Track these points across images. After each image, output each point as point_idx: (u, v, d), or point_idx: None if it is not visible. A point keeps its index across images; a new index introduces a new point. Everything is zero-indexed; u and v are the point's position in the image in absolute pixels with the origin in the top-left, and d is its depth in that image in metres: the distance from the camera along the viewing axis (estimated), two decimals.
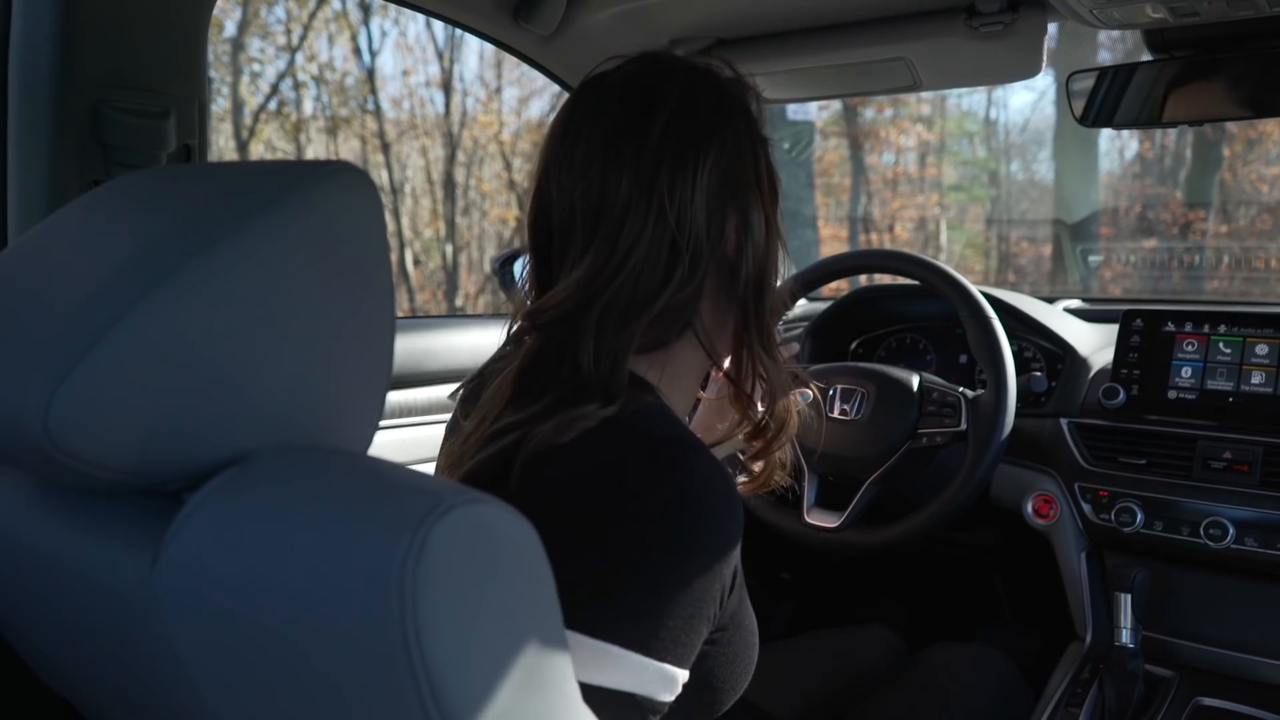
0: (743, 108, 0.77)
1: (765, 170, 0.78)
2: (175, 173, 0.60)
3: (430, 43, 8.04)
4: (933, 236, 7.98)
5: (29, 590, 0.58)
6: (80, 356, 0.44)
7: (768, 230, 0.77)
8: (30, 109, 0.91)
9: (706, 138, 0.73)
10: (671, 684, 0.63)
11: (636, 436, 0.67)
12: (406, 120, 8.22)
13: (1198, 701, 1.22)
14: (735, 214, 0.74)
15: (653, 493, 0.63)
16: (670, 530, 0.62)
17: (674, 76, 0.75)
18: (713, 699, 0.72)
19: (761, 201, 0.76)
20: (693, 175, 0.71)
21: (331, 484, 0.47)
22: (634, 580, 0.46)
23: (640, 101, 0.73)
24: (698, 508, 0.63)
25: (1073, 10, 1.13)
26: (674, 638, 0.62)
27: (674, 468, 0.64)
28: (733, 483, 0.67)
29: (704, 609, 0.64)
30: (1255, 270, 5.42)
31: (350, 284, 0.53)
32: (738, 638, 0.72)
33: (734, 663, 0.72)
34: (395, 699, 0.41)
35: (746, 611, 0.73)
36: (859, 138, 8.20)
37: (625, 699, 0.61)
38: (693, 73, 0.76)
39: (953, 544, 1.72)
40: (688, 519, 0.63)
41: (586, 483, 0.66)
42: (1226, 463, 1.24)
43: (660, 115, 0.72)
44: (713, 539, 0.64)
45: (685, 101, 0.73)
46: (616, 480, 0.65)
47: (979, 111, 8.06)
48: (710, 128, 0.73)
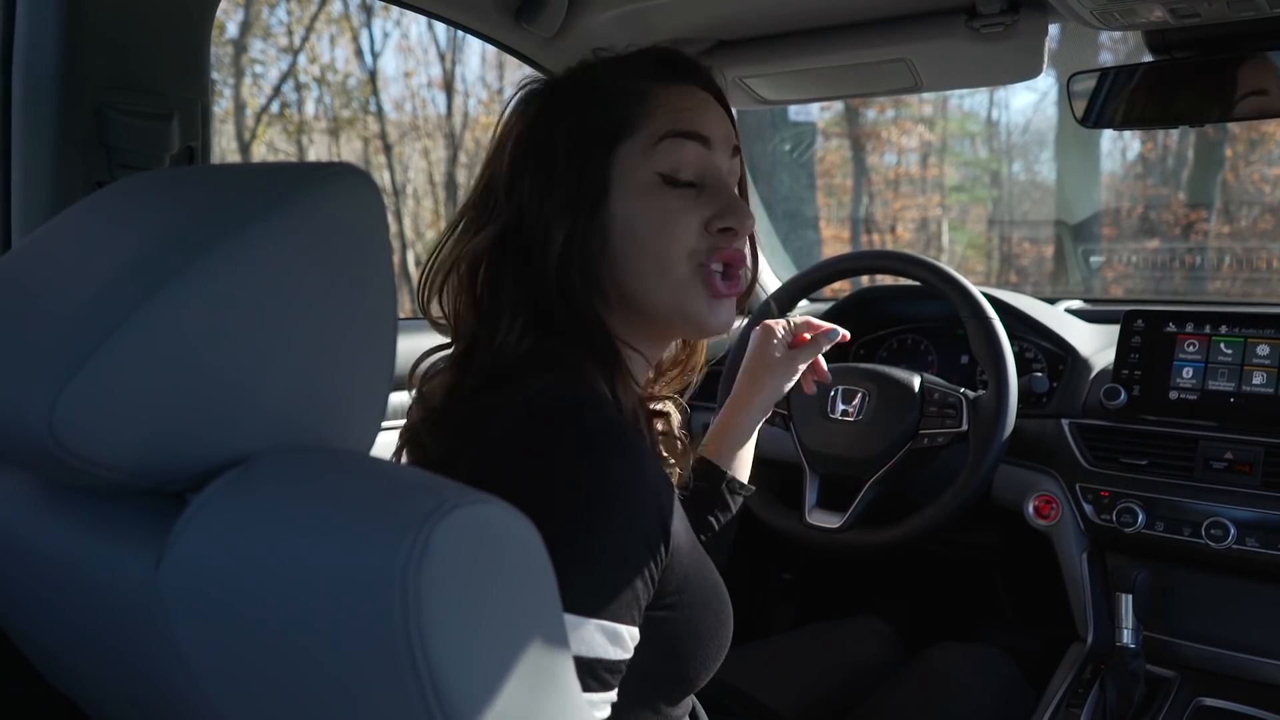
0: (565, 89, 0.84)
1: (552, 148, 0.81)
2: (178, 175, 0.60)
3: (432, 44, 8.06)
4: (934, 237, 7.97)
5: (33, 590, 0.58)
6: (85, 358, 0.44)
7: (537, 210, 0.81)
8: (34, 111, 0.91)
9: (525, 126, 0.83)
10: (619, 640, 0.65)
11: (528, 406, 0.71)
12: (408, 122, 8.23)
13: (1199, 702, 1.22)
14: (518, 190, 0.82)
15: (548, 452, 0.67)
16: (569, 486, 0.65)
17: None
18: (683, 669, 0.74)
19: (541, 180, 0.81)
20: (505, 157, 0.84)
21: (335, 484, 0.47)
22: (549, 540, 0.48)
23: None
24: (593, 462, 0.66)
25: (1074, 11, 1.13)
26: (603, 592, 0.64)
27: (565, 426, 0.68)
28: (634, 438, 0.70)
29: (632, 562, 0.66)
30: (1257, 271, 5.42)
31: (353, 285, 0.53)
32: (698, 603, 0.73)
33: (697, 629, 0.73)
34: (398, 698, 0.41)
35: (707, 580, 0.75)
36: (861, 138, 8.19)
37: (576, 661, 0.61)
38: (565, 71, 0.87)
39: (954, 545, 1.72)
40: (585, 473, 0.66)
41: (499, 453, 0.69)
42: (1228, 463, 1.24)
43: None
44: (620, 491, 0.66)
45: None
46: (514, 448, 0.69)
47: (980, 112, 8.06)
48: (529, 115, 0.84)
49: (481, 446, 0.72)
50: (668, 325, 0.83)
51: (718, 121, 0.83)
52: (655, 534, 0.67)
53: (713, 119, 0.82)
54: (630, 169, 0.80)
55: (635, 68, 0.84)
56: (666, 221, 0.79)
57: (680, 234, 0.80)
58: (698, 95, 0.83)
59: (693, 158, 0.80)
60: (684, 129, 0.80)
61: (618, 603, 0.65)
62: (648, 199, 0.79)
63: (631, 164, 0.80)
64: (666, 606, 0.70)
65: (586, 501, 0.65)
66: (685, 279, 0.80)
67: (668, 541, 0.69)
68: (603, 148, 0.80)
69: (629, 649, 0.66)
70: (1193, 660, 1.28)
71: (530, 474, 0.66)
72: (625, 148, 0.80)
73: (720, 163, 0.83)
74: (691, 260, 0.80)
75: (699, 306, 0.81)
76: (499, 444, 0.70)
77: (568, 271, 0.79)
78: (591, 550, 0.64)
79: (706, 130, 0.81)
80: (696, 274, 0.81)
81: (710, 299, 0.81)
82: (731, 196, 0.82)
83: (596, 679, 0.64)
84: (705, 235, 0.81)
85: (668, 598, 0.70)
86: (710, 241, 0.81)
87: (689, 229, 0.80)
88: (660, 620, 0.70)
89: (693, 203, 0.80)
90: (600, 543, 0.65)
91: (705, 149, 0.81)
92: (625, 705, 0.68)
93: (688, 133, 0.80)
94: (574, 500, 0.65)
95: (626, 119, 0.80)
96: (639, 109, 0.80)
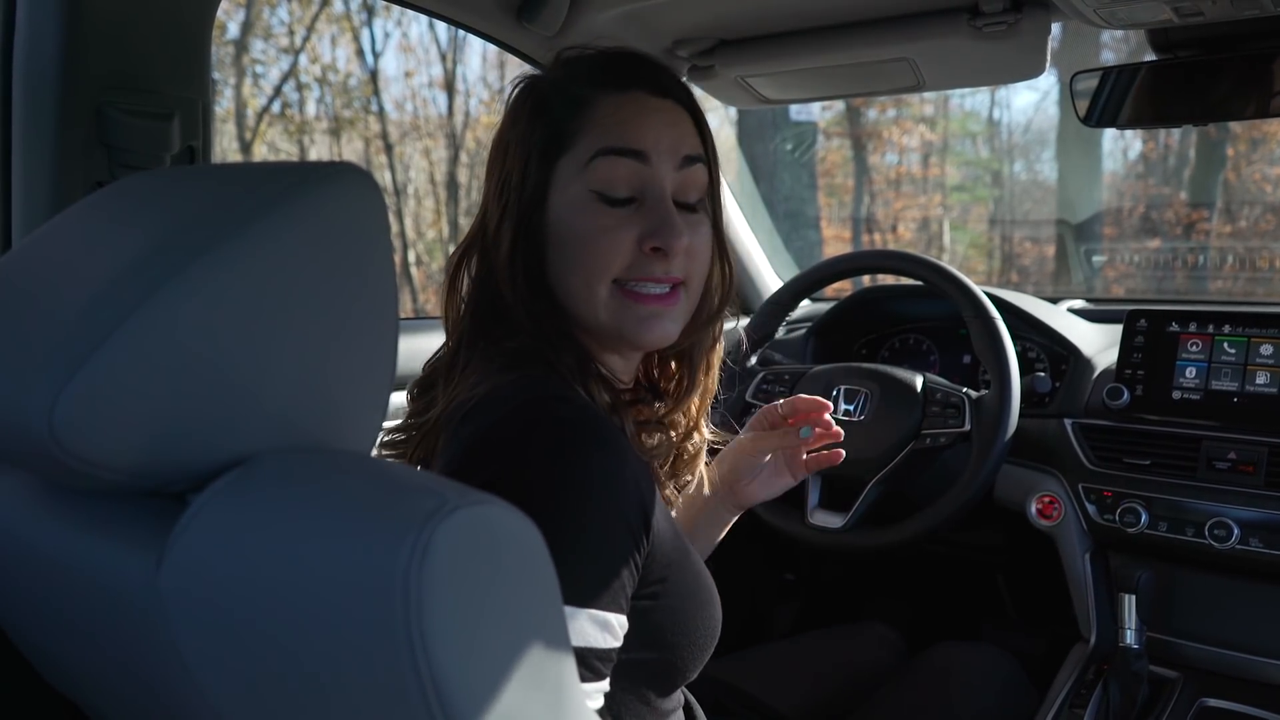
0: (527, 93, 0.84)
1: (505, 153, 0.82)
2: (179, 174, 0.60)
3: (433, 44, 8.05)
4: (936, 237, 7.97)
5: (33, 591, 0.58)
6: (85, 358, 0.44)
7: (492, 212, 0.83)
8: (35, 110, 0.91)
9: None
10: (608, 628, 0.65)
11: (499, 401, 0.72)
12: (409, 121, 8.23)
13: (1202, 702, 1.22)
14: (486, 191, 0.85)
15: (523, 446, 0.67)
16: (548, 477, 0.65)
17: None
18: (670, 657, 0.74)
19: (497, 185, 0.82)
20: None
21: (336, 485, 0.47)
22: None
23: None
24: (570, 452, 0.66)
25: (1076, 10, 1.12)
26: (589, 582, 0.64)
27: (539, 419, 0.69)
28: (609, 426, 0.71)
29: (616, 550, 0.66)
30: (1259, 270, 5.42)
31: (354, 285, 0.53)
32: (682, 591, 0.73)
33: (683, 618, 0.74)
34: (400, 699, 0.41)
35: (690, 568, 0.75)
36: (862, 138, 8.19)
37: None
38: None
39: (957, 545, 1.72)
40: (563, 464, 0.66)
41: (476, 449, 0.70)
42: (1231, 463, 1.24)
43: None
44: (599, 480, 0.67)
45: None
46: (489, 444, 0.69)
47: (982, 112, 8.06)
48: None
49: (456, 445, 0.72)
50: (605, 338, 0.82)
51: (662, 130, 0.80)
52: (636, 522, 0.68)
53: (653, 128, 0.79)
54: (565, 183, 0.79)
55: (580, 74, 0.82)
56: (593, 240, 0.78)
57: (606, 254, 0.78)
58: (643, 102, 0.80)
59: (627, 173, 0.78)
60: (615, 145, 0.78)
61: (605, 591, 0.65)
62: (580, 216, 0.78)
63: (567, 178, 0.79)
64: (650, 595, 0.71)
65: (566, 493, 0.65)
66: (607, 299, 0.79)
67: (649, 529, 0.69)
68: (543, 159, 0.80)
69: (619, 637, 0.67)
70: (1196, 661, 1.28)
71: (507, 469, 0.66)
72: (563, 161, 0.79)
73: (661, 176, 0.79)
74: (610, 278, 0.79)
75: (629, 326, 0.80)
76: (473, 441, 0.70)
77: (515, 277, 0.80)
78: (575, 540, 0.64)
79: (641, 144, 0.78)
80: (617, 295, 0.79)
81: (640, 315, 0.80)
82: (665, 214, 0.79)
83: (589, 668, 0.65)
84: (637, 253, 0.79)
85: (651, 586, 0.71)
86: (639, 261, 0.79)
87: (618, 248, 0.78)
88: (645, 609, 0.70)
89: (627, 219, 0.79)
90: (583, 532, 0.65)
91: (641, 163, 0.78)
92: (615, 696, 0.69)
93: (619, 149, 0.78)
94: (553, 492, 0.65)
95: (564, 132, 0.79)
96: (577, 122, 0.79)
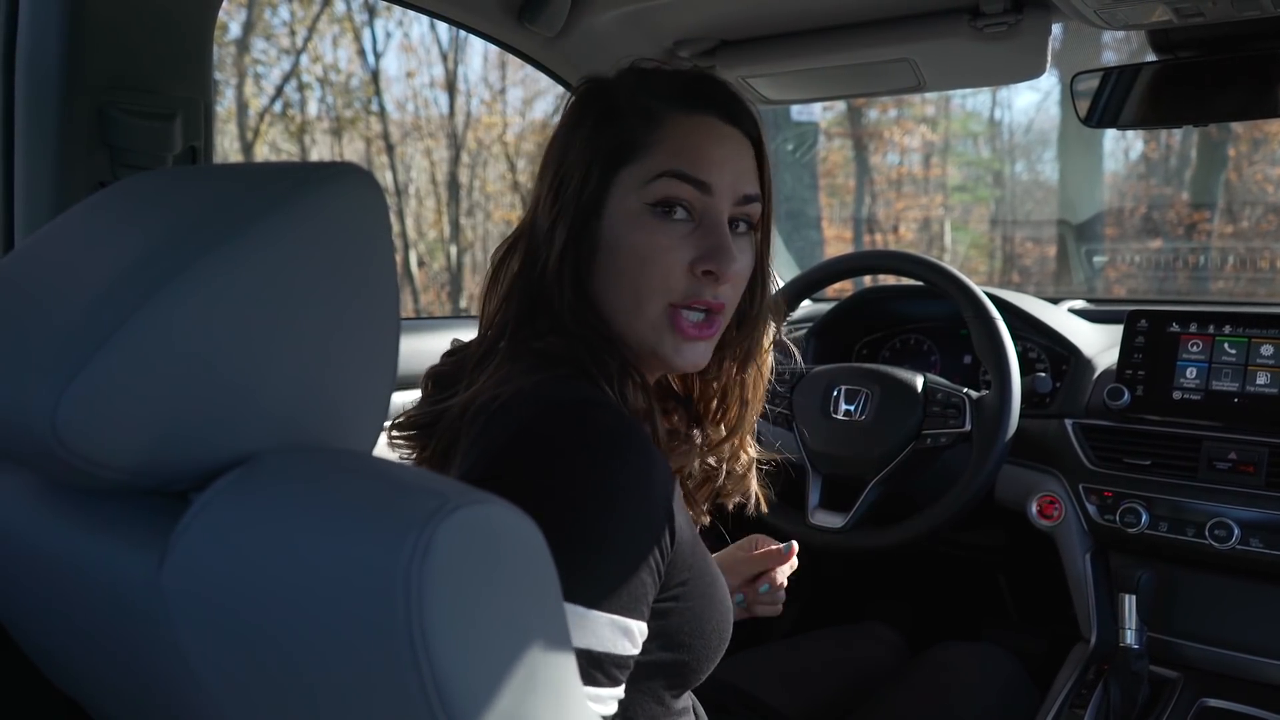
0: (591, 95, 0.84)
1: (566, 154, 0.81)
2: (181, 174, 0.60)
3: (434, 44, 8.06)
4: (937, 237, 7.97)
5: (36, 590, 0.58)
6: (87, 358, 0.44)
7: (545, 213, 0.81)
8: (37, 111, 0.91)
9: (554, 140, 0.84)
10: (628, 634, 0.65)
11: (532, 402, 0.71)
12: (411, 122, 8.24)
13: (1203, 703, 1.22)
14: (538, 187, 0.83)
15: (556, 449, 0.67)
16: (579, 482, 0.65)
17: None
18: (686, 658, 0.74)
19: (553, 184, 0.81)
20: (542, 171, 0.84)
21: (337, 484, 0.47)
22: (557, 536, 0.48)
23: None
24: (603, 457, 0.66)
25: (1077, 11, 1.13)
26: (615, 587, 0.64)
27: (572, 423, 0.69)
28: (640, 432, 0.71)
29: (641, 556, 0.66)
30: (1260, 271, 5.41)
31: (356, 285, 0.53)
32: (700, 593, 0.73)
33: (700, 621, 0.74)
34: (401, 698, 0.41)
35: (707, 571, 0.75)
36: (863, 138, 8.19)
37: (584, 655, 0.62)
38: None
39: (957, 545, 1.72)
40: (605, 469, 0.66)
41: (507, 449, 0.69)
42: (1232, 463, 1.24)
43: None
44: (632, 485, 0.67)
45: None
46: (521, 447, 0.69)
47: (983, 112, 8.06)
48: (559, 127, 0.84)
49: (484, 442, 0.72)
50: (639, 355, 0.82)
51: (727, 163, 0.79)
52: (663, 528, 0.68)
53: (719, 161, 0.79)
54: (624, 195, 0.79)
55: (657, 87, 0.82)
56: (648, 256, 0.78)
57: (659, 271, 0.78)
58: (712, 127, 0.80)
59: (688, 196, 0.78)
60: (682, 170, 0.77)
61: (628, 597, 0.65)
62: (636, 230, 0.78)
63: (626, 190, 0.79)
64: (671, 598, 0.71)
65: (597, 497, 0.65)
66: (655, 319, 0.79)
67: (674, 534, 0.69)
68: (606, 167, 0.79)
69: (638, 644, 0.66)
70: (1196, 661, 1.28)
71: (540, 470, 0.66)
72: (626, 172, 0.79)
73: (720, 206, 0.79)
74: (664, 300, 0.79)
75: (666, 348, 0.80)
76: (505, 440, 0.70)
77: (563, 280, 0.79)
78: (603, 545, 0.65)
79: (707, 176, 0.78)
80: (666, 316, 0.79)
81: (679, 342, 0.80)
82: (721, 238, 0.78)
83: (605, 674, 0.64)
84: (689, 275, 0.78)
85: (672, 589, 0.71)
86: (691, 284, 0.79)
87: (672, 267, 0.78)
88: (665, 611, 0.70)
89: (682, 239, 0.78)
90: (612, 538, 0.65)
91: (702, 193, 0.78)
92: (630, 696, 0.68)
93: (685, 175, 0.77)
94: (584, 497, 0.65)
95: (632, 143, 0.79)
96: (647, 135, 0.79)
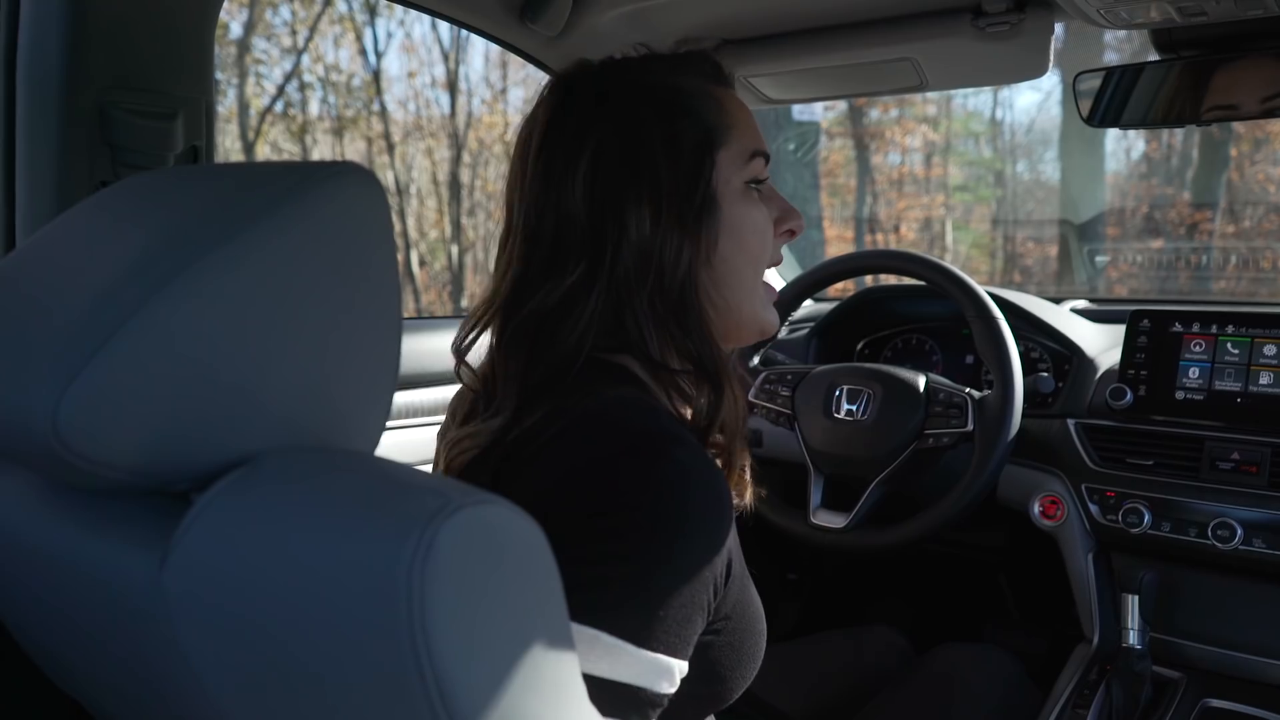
0: (626, 92, 0.77)
1: (653, 159, 0.75)
2: (183, 174, 0.60)
3: (436, 44, 8.07)
4: (938, 237, 7.97)
5: (37, 590, 0.58)
6: (89, 357, 0.44)
7: (654, 227, 0.74)
8: (38, 110, 0.91)
9: (580, 134, 0.75)
10: (669, 675, 0.63)
11: (618, 429, 0.68)
12: (412, 121, 8.24)
13: (1205, 703, 1.22)
14: (612, 209, 0.75)
15: (638, 484, 0.64)
16: (656, 521, 0.63)
17: (581, 77, 0.80)
18: (721, 688, 0.73)
19: (646, 194, 0.75)
20: (573, 172, 0.75)
21: (339, 484, 0.47)
22: (622, 571, 0.46)
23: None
24: (683, 498, 0.64)
25: (1080, 10, 1.12)
26: (667, 628, 0.63)
27: (658, 459, 0.65)
28: (718, 472, 0.68)
29: (697, 599, 0.64)
30: (1262, 270, 5.41)
31: (358, 284, 0.53)
32: (742, 626, 0.72)
33: (740, 652, 0.72)
34: (403, 699, 0.41)
35: (750, 600, 0.74)
36: (864, 138, 8.19)
37: (623, 689, 0.61)
38: (596, 68, 0.80)
39: (959, 545, 1.72)
40: (673, 509, 0.63)
41: (574, 476, 0.66)
42: (1234, 463, 1.23)
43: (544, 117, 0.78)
44: (700, 528, 0.65)
45: (556, 101, 0.78)
46: (602, 473, 0.65)
47: (985, 112, 8.07)
48: (585, 121, 0.76)
49: (559, 461, 0.68)
50: (737, 332, 0.83)
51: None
52: (721, 570, 0.66)
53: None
54: (728, 178, 0.79)
55: (701, 69, 0.83)
56: (763, 230, 0.82)
57: (769, 240, 0.82)
58: (740, 100, 0.84)
59: (761, 169, 0.82)
60: (762, 148, 0.81)
61: (678, 638, 0.63)
62: (749, 208, 0.81)
63: (728, 174, 0.79)
64: (714, 632, 0.69)
65: (672, 537, 0.63)
66: (762, 290, 0.83)
67: (730, 576, 0.68)
68: (706, 155, 0.78)
69: (675, 684, 0.64)
70: (1199, 661, 1.28)
71: (618, 502, 0.63)
72: (722, 155, 0.79)
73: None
74: (765, 267, 0.83)
75: (768, 311, 0.84)
76: (584, 463, 0.67)
77: (694, 289, 0.76)
78: (667, 584, 0.63)
79: (767, 146, 0.83)
80: (765, 286, 0.84)
81: (769, 303, 0.84)
82: (784, 200, 0.85)
83: (639, 712, 0.62)
84: (774, 240, 0.84)
85: (717, 623, 0.69)
86: (775, 246, 0.84)
87: (770, 235, 0.83)
88: (706, 644, 0.69)
89: (766, 208, 0.83)
90: (676, 578, 0.63)
91: (767, 164, 0.83)
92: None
93: (764, 152, 0.81)
94: (660, 534, 0.63)
95: (717, 126, 0.79)
96: (722, 118, 0.80)
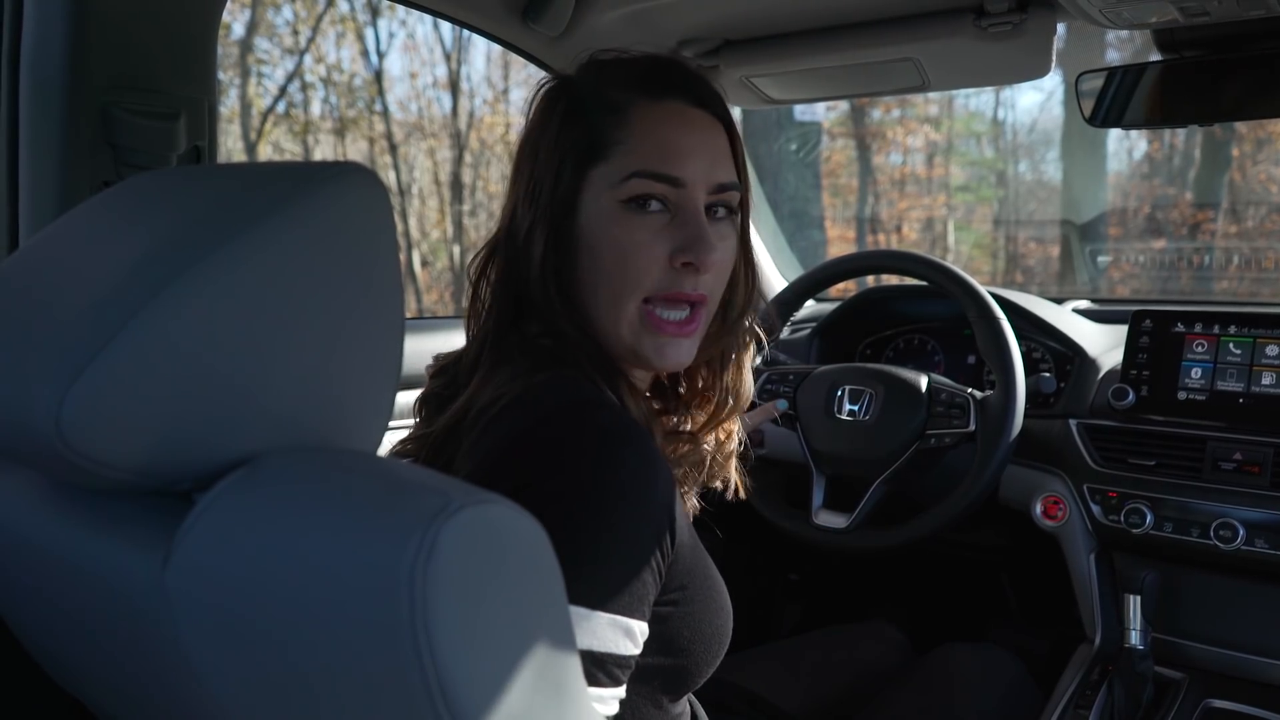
0: (568, 91, 0.82)
1: (535, 155, 0.80)
2: (185, 174, 0.60)
3: (438, 44, 8.07)
4: (940, 237, 7.96)
5: (40, 589, 0.58)
6: (91, 357, 0.44)
7: (521, 218, 0.81)
8: (41, 111, 0.91)
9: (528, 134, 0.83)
10: (629, 635, 0.65)
11: (535, 405, 0.72)
12: (414, 122, 8.24)
13: (1207, 703, 1.21)
14: (511, 198, 0.83)
15: (558, 451, 0.67)
16: (582, 484, 0.65)
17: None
18: (685, 661, 0.74)
19: (525, 187, 0.81)
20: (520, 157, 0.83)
21: (341, 484, 0.47)
22: (563, 534, 0.47)
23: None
24: (606, 457, 0.67)
25: (1082, 10, 1.12)
26: (615, 587, 0.65)
27: (575, 424, 0.69)
28: (643, 432, 0.71)
29: (643, 557, 0.66)
30: (1264, 270, 5.41)
31: (360, 284, 0.53)
32: (700, 598, 0.73)
33: (700, 625, 0.74)
34: (405, 698, 0.41)
35: (708, 575, 0.75)
36: (866, 138, 8.18)
37: (585, 655, 0.62)
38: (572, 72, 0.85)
39: (961, 545, 1.72)
40: (598, 470, 0.66)
41: (498, 456, 0.70)
42: (1237, 464, 1.23)
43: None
44: (634, 487, 0.67)
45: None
46: (522, 448, 0.69)
47: (987, 112, 8.05)
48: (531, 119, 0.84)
49: (487, 443, 0.72)
50: (622, 354, 0.81)
51: (699, 153, 0.78)
52: (664, 530, 0.68)
53: (690, 153, 0.78)
54: (599, 193, 0.78)
55: (617, 78, 0.80)
56: (628, 251, 0.77)
57: (638, 268, 0.77)
58: (681, 114, 0.79)
59: (662, 191, 0.77)
60: (653, 170, 0.76)
61: (630, 597, 0.65)
62: (613, 225, 0.77)
63: (601, 188, 0.78)
64: (671, 602, 0.71)
65: (601, 498, 0.65)
66: (632, 319, 0.79)
67: (675, 537, 0.69)
68: (578, 166, 0.78)
69: (639, 644, 0.66)
70: (1201, 661, 1.28)
71: (545, 471, 0.67)
72: (598, 170, 0.78)
73: (695, 198, 0.78)
74: (641, 295, 0.78)
75: (647, 349, 0.80)
76: (509, 441, 0.70)
77: (547, 284, 0.79)
78: (606, 546, 0.65)
79: (679, 170, 0.77)
80: (640, 315, 0.79)
81: (659, 340, 0.79)
82: (699, 229, 0.77)
83: (608, 674, 0.64)
84: (668, 268, 0.78)
85: (672, 593, 0.71)
86: (670, 277, 0.78)
87: (651, 262, 0.77)
88: (664, 616, 0.71)
89: (659, 232, 0.78)
90: (615, 539, 0.65)
91: (676, 188, 0.77)
92: (628, 699, 0.68)
93: (656, 174, 0.77)
94: (588, 497, 0.65)
95: (601, 141, 0.78)
96: (613, 131, 0.78)
